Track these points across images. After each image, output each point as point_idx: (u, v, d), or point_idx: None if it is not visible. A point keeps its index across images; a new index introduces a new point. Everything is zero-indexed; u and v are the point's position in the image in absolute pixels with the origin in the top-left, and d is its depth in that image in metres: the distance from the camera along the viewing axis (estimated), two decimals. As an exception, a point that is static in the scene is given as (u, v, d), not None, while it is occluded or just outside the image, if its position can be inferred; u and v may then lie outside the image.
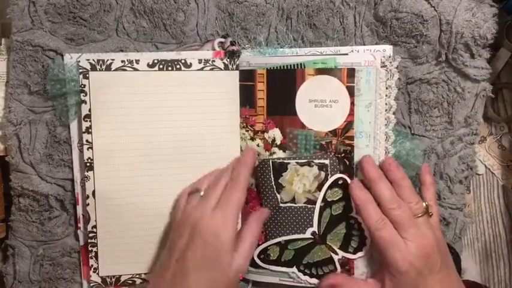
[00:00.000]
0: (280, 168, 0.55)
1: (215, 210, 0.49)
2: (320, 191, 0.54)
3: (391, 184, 0.51)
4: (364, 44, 0.56)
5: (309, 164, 0.54)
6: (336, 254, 0.55)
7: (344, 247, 0.55)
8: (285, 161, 0.54)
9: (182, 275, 0.48)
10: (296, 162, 0.54)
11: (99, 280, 0.57)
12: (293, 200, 0.55)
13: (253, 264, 0.57)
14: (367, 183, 0.52)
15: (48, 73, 0.55)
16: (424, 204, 0.51)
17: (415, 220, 0.49)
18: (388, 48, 0.54)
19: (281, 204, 0.55)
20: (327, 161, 0.54)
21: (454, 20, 0.52)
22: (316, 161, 0.54)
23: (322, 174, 0.54)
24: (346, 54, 0.54)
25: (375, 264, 0.54)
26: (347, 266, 0.55)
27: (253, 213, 0.53)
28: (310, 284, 0.56)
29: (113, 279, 0.57)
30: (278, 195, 0.55)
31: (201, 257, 0.48)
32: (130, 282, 0.57)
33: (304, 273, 0.56)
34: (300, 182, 0.54)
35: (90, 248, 0.56)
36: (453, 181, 0.56)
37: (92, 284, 0.57)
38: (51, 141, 0.56)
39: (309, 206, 0.55)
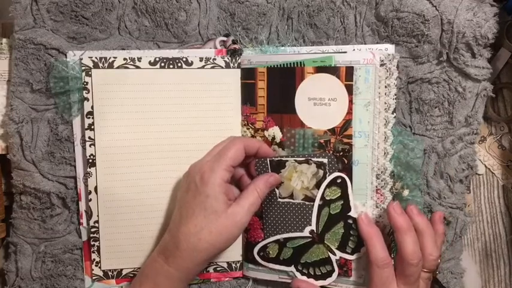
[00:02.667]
0: (278, 165, 0.55)
1: (208, 160, 0.51)
2: (318, 188, 0.54)
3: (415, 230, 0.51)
4: (365, 44, 0.56)
5: (307, 162, 0.54)
6: (334, 254, 0.55)
7: (342, 247, 0.55)
8: (283, 159, 0.55)
9: (180, 220, 0.50)
10: (294, 160, 0.54)
11: (101, 273, 0.58)
12: (291, 196, 0.55)
13: (253, 261, 0.58)
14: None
15: (51, 71, 0.55)
16: (438, 261, 0.52)
17: (420, 275, 0.50)
18: (390, 47, 0.54)
19: (279, 199, 0.55)
20: (325, 160, 0.54)
21: (456, 20, 0.53)
22: (315, 159, 0.54)
23: (321, 172, 0.54)
24: (344, 52, 0.54)
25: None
26: (345, 268, 0.55)
27: (261, 175, 0.54)
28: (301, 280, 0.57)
29: (115, 273, 0.58)
30: (277, 190, 0.55)
31: (192, 200, 0.50)
32: (131, 275, 0.58)
33: (302, 273, 0.56)
34: (299, 178, 0.54)
35: (92, 243, 0.57)
36: (453, 180, 0.56)
37: (94, 278, 0.58)
38: (52, 139, 0.56)
39: (306, 203, 0.55)
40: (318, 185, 0.54)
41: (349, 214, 0.54)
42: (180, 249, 0.49)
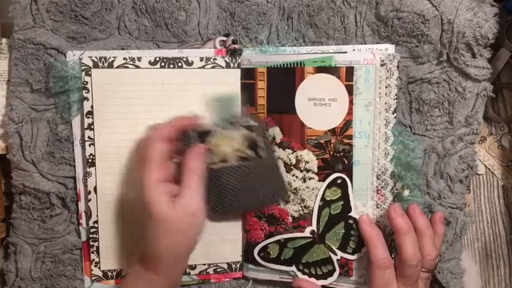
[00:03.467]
0: (205, 135, 0.51)
1: (137, 169, 0.50)
2: (252, 149, 0.51)
3: (414, 230, 0.51)
4: (365, 44, 0.56)
5: (234, 127, 0.51)
6: (335, 254, 0.55)
7: (343, 247, 0.55)
8: (208, 129, 0.51)
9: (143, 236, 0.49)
10: (222, 127, 0.51)
11: (100, 274, 0.57)
12: (224, 161, 0.51)
13: (253, 261, 0.58)
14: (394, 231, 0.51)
15: (51, 70, 0.55)
16: (437, 260, 0.52)
17: (419, 275, 0.50)
18: (390, 47, 0.54)
19: (213, 166, 0.50)
20: (252, 123, 0.52)
21: (456, 20, 0.53)
22: (243, 123, 0.51)
23: (250, 134, 0.51)
24: (345, 52, 0.54)
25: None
26: (345, 267, 0.55)
27: (187, 154, 0.50)
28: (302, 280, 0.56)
29: (114, 273, 0.58)
30: (207, 159, 0.51)
31: (142, 213, 0.48)
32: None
33: (303, 273, 0.56)
34: (228, 143, 0.51)
35: (91, 243, 0.57)
36: (453, 180, 0.56)
37: (93, 278, 0.58)
38: (52, 139, 0.56)
39: (242, 163, 0.51)
40: (250, 146, 0.51)
41: (349, 214, 0.54)
42: (156, 261, 0.48)
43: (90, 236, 0.57)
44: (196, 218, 0.48)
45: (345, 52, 0.54)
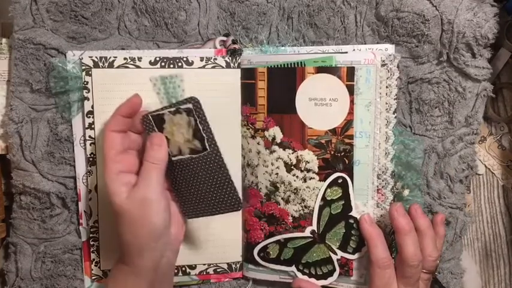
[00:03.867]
0: (160, 121, 0.50)
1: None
2: (197, 139, 0.50)
3: (415, 230, 0.51)
4: (365, 44, 0.56)
5: (178, 111, 0.50)
6: (335, 253, 0.55)
7: (343, 247, 0.55)
8: (161, 112, 0.50)
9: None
10: (168, 111, 0.50)
11: (100, 273, 0.58)
12: (180, 153, 0.51)
13: (253, 261, 0.58)
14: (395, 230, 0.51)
15: (51, 70, 0.55)
16: (438, 261, 0.52)
17: (420, 276, 0.50)
18: (390, 47, 0.54)
19: (173, 158, 0.51)
20: (190, 105, 0.49)
21: (456, 20, 0.53)
22: (183, 106, 0.50)
23: (192, 120, 0.50)
24: (345, 52, 0.54)
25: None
26: (346, 267, 0.55)
27: (147, 142, 0.50)
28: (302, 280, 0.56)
29: None
30: (168, 150, 0.51)
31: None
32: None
33: (303, 273, 0.56)
34: (178, 131, 0.50)
35: (91, 243, 0.57)
36: (453, 180, 0.56)
37: (93, 278, 0.58)
38: (52, 139, 0.56)
39: (194, 156, 0.50)
40: (195, 135, 0.50)
41: (350, 214, 0.54)
42: (124, 254, 0.48)
43: (91, 235, 0.57)
44: (151, 207, 0.47)
45: (345, 52, 0.54)
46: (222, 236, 0.58)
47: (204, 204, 0.52)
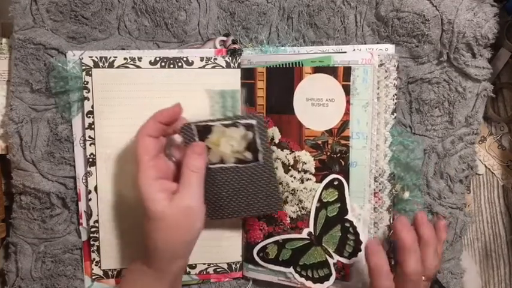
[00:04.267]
0: (205, 130, 0.51)
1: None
2: (250, 151, 0.51)
3: (418, 237, 0.49)
4: (365, 44, 0.56)
5: (234, 125, 0.51)
6: (332, 257, 0.55)
7: (339, 251, 0.55)
8: (209, 124, 0.51)
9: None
10: (221, 124, 0.51)
11: (100, 273, 0.58)
12: (222, 161, 0.52)
13: (252, 262, 0.58)
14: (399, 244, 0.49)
15: (51, 70, 0.55)
16: (438, 268, 0.51)
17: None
18: (391, 47, 0.54)
19: (210, 166, 0.52)
20: (253, 121, 0.50)
21: (456, 20, 0.53)
22: (243, 121, 0.51)
23: (250, 134, 0.51)
24: (344, 52, 0.54)
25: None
26: (342, 272, 0.55)
27: (188, 150, 0.50)
28: (305, 286, 0.56)
29: (114, 272, 0.58)
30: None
31: (138, 202, 0.48)
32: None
33: (301, 275, 0.56)
34: (227, 143, 0.51)
35: (92, 243, 0.57)
36: (453, 180, 0.56)
37: (94, 277, 0.58)
38: (52, 139, 0.56)
39: (239, 165, 0.52)
40: (249, 148, 0.51)
41: (346, 217, 0.54)
42: (153, 258, 0.49)
43: (91, 235, 0.57)
44: (193, 216, 0.48)
45: (345, 52, 0.54)
46: (222, 235, 0.58)
47: (244, 206, 0.54)
